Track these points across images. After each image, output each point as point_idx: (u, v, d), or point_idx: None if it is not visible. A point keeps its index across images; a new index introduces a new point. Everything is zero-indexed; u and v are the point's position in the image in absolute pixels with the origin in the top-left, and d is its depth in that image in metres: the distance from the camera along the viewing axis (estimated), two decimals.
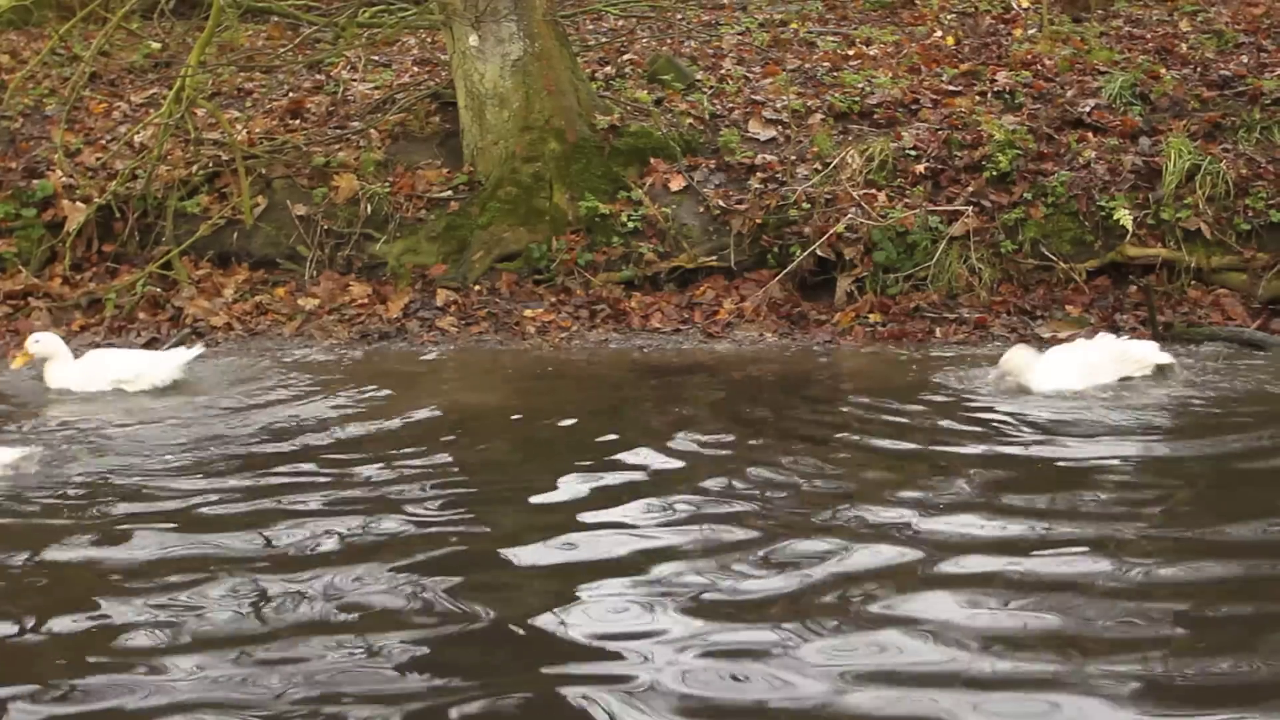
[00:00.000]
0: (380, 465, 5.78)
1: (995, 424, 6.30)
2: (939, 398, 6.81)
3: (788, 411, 6.72)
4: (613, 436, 6.25)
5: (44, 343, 7.41)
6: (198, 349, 7.69)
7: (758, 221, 9.01)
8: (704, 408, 6.88)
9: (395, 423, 6.51)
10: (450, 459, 5.95)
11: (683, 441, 6.04)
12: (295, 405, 6.92)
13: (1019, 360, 6.88)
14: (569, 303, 8.84)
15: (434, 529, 5.01)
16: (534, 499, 5.40)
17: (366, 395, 7.08)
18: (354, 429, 6.43)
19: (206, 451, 6.08)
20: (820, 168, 9.28)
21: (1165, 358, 7.08)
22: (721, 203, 9.18)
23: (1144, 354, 7.06)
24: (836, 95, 10.16)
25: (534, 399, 7.22)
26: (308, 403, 6.96)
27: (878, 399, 6.83)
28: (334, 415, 6.67)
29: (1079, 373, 6.87)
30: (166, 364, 7.45)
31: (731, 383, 7.40)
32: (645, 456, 5.83)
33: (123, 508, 5.29)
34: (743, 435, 6.23)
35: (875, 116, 9.92)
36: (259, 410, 6.83)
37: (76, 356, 7.48)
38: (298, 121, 10.27)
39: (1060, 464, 5.69)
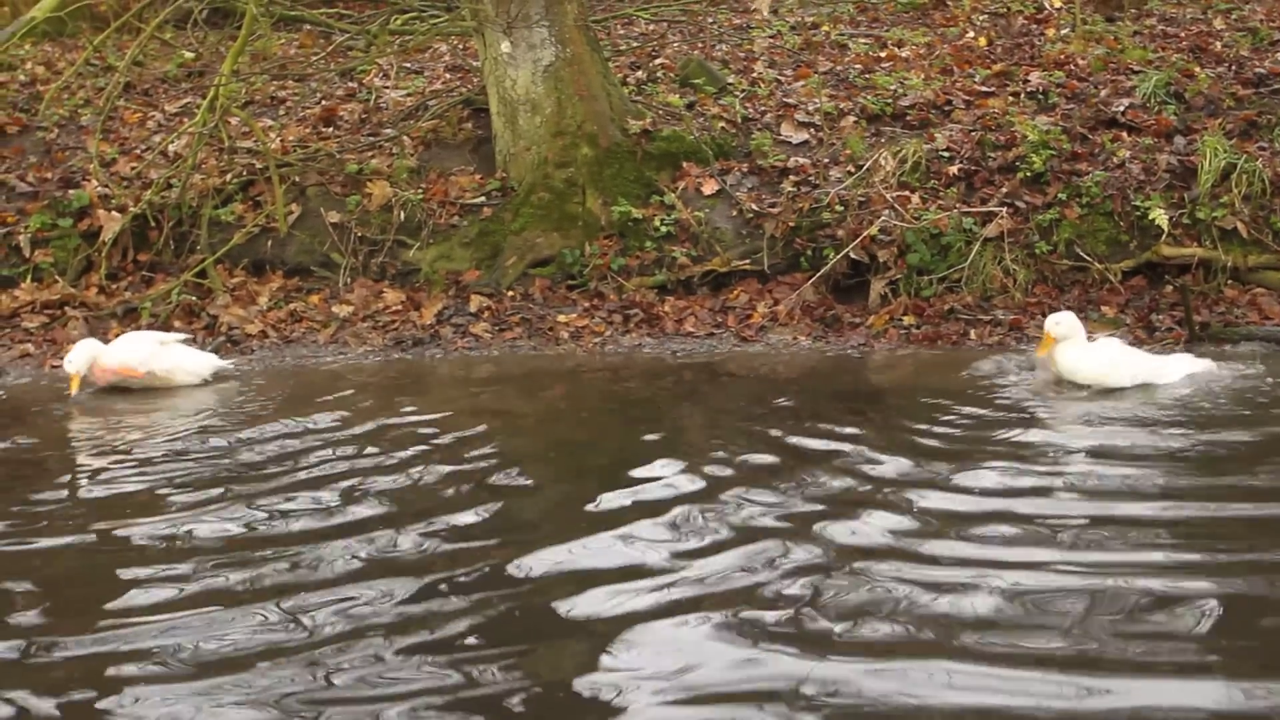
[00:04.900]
0: (413, 473, 5.80)
1: (1041, 428, 6.23)
2: (983, 398, 6.75)
3: (830, 418, 6.55)
4: (656, 441, 6.20)
5: None
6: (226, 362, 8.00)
7: (791, 224, 9.00)
8: (742, 415, 6.79)
9: (429, 430, 6.51)
10: (484, 466, 5.92)
11: (723, 452, 5.94)
12: (324, 411, 6.94)
13: (1069, 325, 6.86)
14: (602, 308, 8.84)
15: (470, 543, 4.98)
16: (576, 512, 5.35)
17: (401, 402, 7.10)
18: (390, 436, 6.42)
19: (220, 461, 6.09)
20: (853, 170, 9.26)
21: (1169, 377, 6.94)
22: (754, 206, 9.17)
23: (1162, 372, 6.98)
24: (869, 97, 10.14)
25: (569, 403, 7.22)
26: (336, 410, 6.99)
27: (922, 401, 6.79)
28: (369, 422, 6.67)
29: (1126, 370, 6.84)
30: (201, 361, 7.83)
31: (769, 387, 7.36)
32: (687, 467, 5.72)
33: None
34: (786, 445, 6.10)
35: (908, 118, 9.90)
36: (288, 418, 6.84)
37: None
38: (331, 129, 10.31)
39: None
